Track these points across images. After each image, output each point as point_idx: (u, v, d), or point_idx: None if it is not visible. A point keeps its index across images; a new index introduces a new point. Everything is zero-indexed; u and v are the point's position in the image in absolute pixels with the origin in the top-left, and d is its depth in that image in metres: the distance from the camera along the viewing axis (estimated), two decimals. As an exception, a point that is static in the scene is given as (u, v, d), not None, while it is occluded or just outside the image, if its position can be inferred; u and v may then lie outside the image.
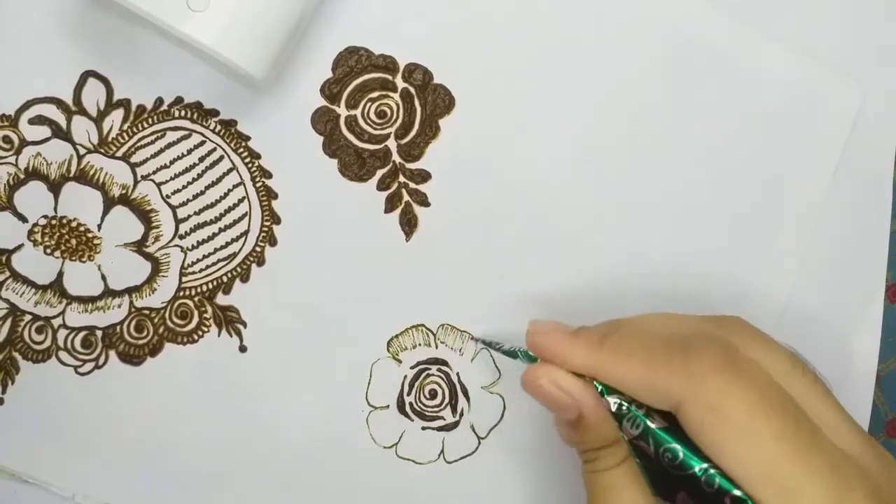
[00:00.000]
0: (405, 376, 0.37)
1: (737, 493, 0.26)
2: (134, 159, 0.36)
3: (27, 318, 0.36)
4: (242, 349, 0.37)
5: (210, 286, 0.37)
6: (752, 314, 0.37)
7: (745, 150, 0.37)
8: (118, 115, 0.36)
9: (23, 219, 0.36)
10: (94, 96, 0.36)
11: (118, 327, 0.36)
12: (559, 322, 0.31)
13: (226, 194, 0.36)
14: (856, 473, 0.26)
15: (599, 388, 0.30)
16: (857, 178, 0.38)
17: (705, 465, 0.27)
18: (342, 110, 0.36)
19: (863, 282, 0.38)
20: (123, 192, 0.36)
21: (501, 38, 0.37)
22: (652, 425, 0.28)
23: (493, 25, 0.37)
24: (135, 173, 0.36)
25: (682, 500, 0.28)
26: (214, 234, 0.36)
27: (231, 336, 0.37)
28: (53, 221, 0.36)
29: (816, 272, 0.38)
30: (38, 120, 0.35)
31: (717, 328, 0.30)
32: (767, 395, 0.27)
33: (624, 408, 0.29)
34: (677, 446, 0.28)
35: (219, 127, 0.36)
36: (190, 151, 0.36)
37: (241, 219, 0.36)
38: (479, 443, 0.38)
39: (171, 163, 0.36)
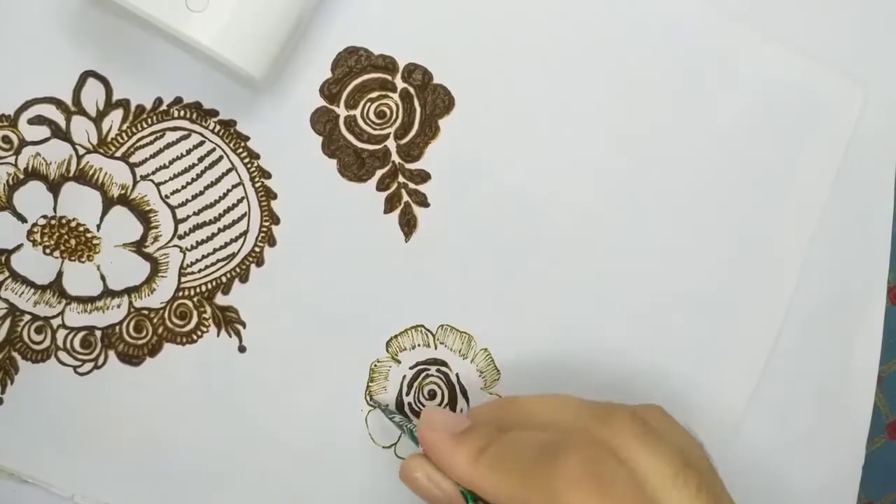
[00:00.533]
0: (404, 376, 0.37)
1: None
2: (133, 159, 0.36)
3: (26, 318, 0.36)
4: (242, 349, 0.37)
5: (209, 286, 0.37)
6: (753, 315, 0.38)
7: (746, 151, 0.37)
8: (117, 115, 0.36)
9: (22, 219, 0.36)
10: (93, 96, 0.35)
11: (117, 327, 0.36)
12: (450, 416, 0.32)
13: (225, 194, 0.36)
14: None
15: (466, 495, 0.30)
16: (859, 180, 0.38)
17: None
18: (341, 110, 0.36)
19: (864, 283, 0.38)
20: (122, 192, 0.36)
21: (501, 38, 0.37)
22: None
23: (493, 25, 0.36)
24: (134, 173, 0.36)
25: None
26: (213, 235, 0.36)
27: (230, 336, 0.37)
28: (53, 221, 0.36)
29: (817, 273, 0.38)
30: (38, 120, 0.35)
31: (602, 425, 0.29)
32: None
33: None
34: None
35: (218, 127, 0.36)
36: (189, 151, 0.36)
37: (240, 219, 0.36)
38: (479, 443, 0.38)
39: (171, 163, 0.36)
